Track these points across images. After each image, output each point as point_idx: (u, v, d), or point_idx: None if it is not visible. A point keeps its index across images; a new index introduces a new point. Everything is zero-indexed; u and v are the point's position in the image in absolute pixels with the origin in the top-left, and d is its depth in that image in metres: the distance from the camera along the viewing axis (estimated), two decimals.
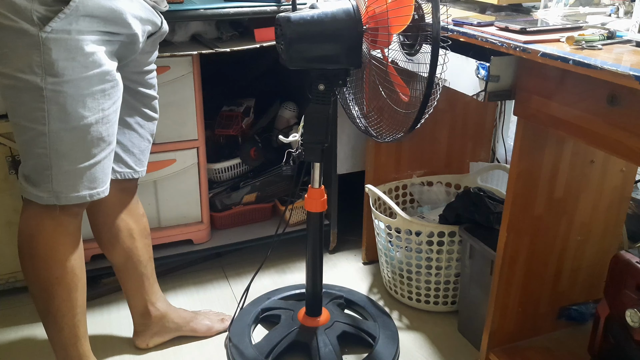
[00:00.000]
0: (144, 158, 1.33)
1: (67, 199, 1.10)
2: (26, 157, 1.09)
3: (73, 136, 1.06)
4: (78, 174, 1.09)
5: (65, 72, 1.01)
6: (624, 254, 1.19)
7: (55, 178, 1.08)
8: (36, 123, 1.04)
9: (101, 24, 1.04)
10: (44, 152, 1.06)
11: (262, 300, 1.65)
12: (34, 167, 1.09)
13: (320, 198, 1.35)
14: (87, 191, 1.11)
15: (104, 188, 1.15)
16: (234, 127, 1.94)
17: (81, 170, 1.09)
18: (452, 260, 1.57)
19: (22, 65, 1.01)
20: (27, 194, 1.11)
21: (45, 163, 1.07)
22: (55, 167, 1.07)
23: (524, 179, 1.19)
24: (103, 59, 1.06)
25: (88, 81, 1.04)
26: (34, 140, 1.06)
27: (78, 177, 1.10)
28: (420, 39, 1.12)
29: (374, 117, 1.28)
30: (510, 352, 1.35)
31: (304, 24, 1.09)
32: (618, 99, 0.92)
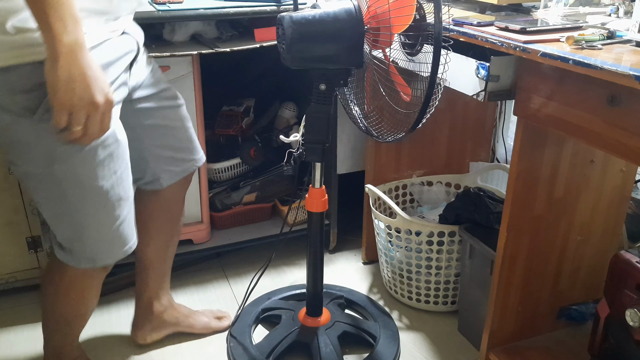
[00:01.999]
0: (196, 144, 1.33)
1: (102, 262, 1.13)
2: (56, 230, 1.10)
3: (94, 207, 1.06)
4: (108, 238, 1.11)
5: (70, 154, 0.99)
6: (624, 254, 1.19)
7: (88, 246, 1.10)
8: (57, 203, 1.05)
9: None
10: (72, 226, 1.07)
11: (262, 300, 1.65)
12: (66, 239, 1.10)
13: (321, 198, 1.35)
14: (120, 250, 1.13)
15: (134, 241, 1.16)
16: (234, 127, 1.94)
17: (110, 233, 1.10)
18: (452, 260, 1.57)
19: (28, 158, 1.00)
20: (65, 259, 1.13)
21: (75, 235, 1.09)
22: (85, 237, 1.09)
23: (524, 178, 1.19)
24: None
25: (93, 154, 1.01)
26: (58, 217, 1.07)
27: (108, 240, 1.11)
28: (421, 39, 1.12)
29: (375, 117, 1.28)
30: (510, 352, 1.35)
31: (306, 24, 1.09)
32: (618, 99, 0.92)
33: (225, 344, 1.52)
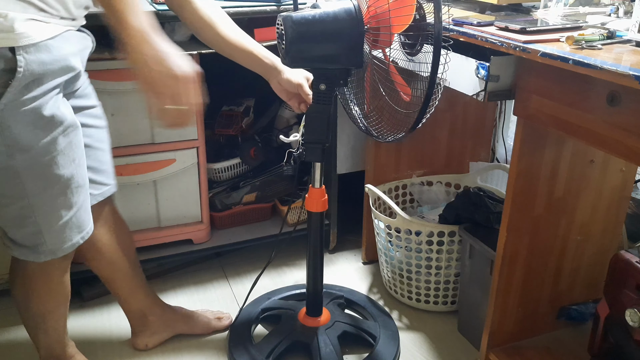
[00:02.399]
0: (113, 169, 1.30)
1: (63, 251, 1.12)
2: (14, 228, 1.08)
3: (55, 196, 1.05)
4: (67, 226, 1.10)
5: (32, 143, 0.98)
6: (623, 254, 1.19)
7: (48, 238, 1.09)
8: (16, 198, 1.03)
9: (50, 80, 0.97)
10: (32, 220, 1.06)
11: (262, 300, 1.65)
12: (25, 235, 1.08)
13: (321, 198, 1.35)
14: (77, 236, 1.12)
15: (90, 225, 1.16)
16: (233, 127, 1.94)
17: (69, 221, 1.09)
18: (452, 260, 1.57)
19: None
20: (23, 256, 1.11)
21: (35, 229, 1.07)
22: (45, 229, 1.07)
23: (523, 178, 1.19)
24: (63, 113, 1.01)
25: (54, 143, 1.01)
26: (19, 213, 1.05)
27: (68, 228, 1.10)
28: (421, 38, 1.12)
29: (375, 117, 1.28)
30: (510, 352, 1.35)
31: (306, 24, 1.09)
32: (618, 99, 0.92)
33: (225, 344, 1.52)
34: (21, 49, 0.91)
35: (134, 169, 1.62)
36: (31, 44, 0.92)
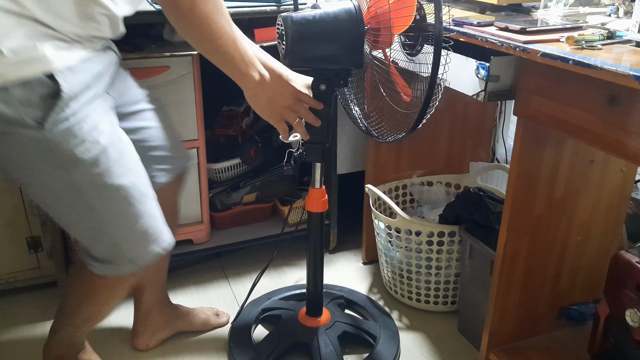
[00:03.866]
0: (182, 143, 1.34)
1: (143, 262, 1.12)
2: (93, 244, 1.10)
3: (120, 206, 1.05)
4: (143, 236, 1.10)
5: (84, 157, 0.99)
6: (623, 254, 1.19)
7: (126, 249, 1.09)
8: (85, 213, 1.04)
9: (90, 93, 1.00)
10: (105, 233, 1.07)
11: (262, 300, 1.65)
12: (104, 249, 1.10)
13: (321, 198, 1.35)
14: (157, 247, 1.12)
15: (170, 237, 1.15)
16: (234, 127, 1.94)
17: (143, 230, 1.09)
18: (452, 260, 1.57)
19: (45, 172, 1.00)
20: (105, 272, 1.12)
21: (111, 241, 1.08)
22: (120, 240, 1.08)
23: (524, 179, 1.19)
24: (107, 122, 1.04)
25: (106, 153, 1.01)
26: (92, 227, 1.07)
27: (144, 238, 1.10)
28: (421, 39, 1.12)
29: (375, 117, 1.28)
30: (510, 352, 1.35)
31: (306, 24, 1.09)
32: (618, 99, 0.92)
33: (225, 344, 1.52)
34: (59, 73, 0.95)
35: None
36: (67, 67, 0.96)
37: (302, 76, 1.26)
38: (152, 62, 1.49)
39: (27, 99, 0.94)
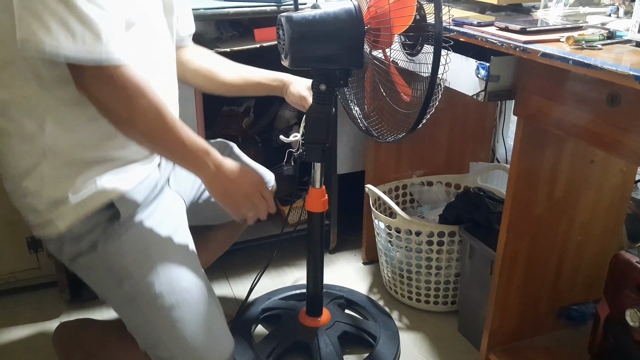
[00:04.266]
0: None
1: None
2: (155, 351, 1.09)
3: (172, 318, 1.06)
4: (203, 342, 1.07)
5: (136, 271, 1.04)
6: (624, 254, 1.19)
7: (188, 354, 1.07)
8: (142, 323, 1.07)
9: (147, 209, 1.09)
10: (162, 343, 1.06)
11: (262, 300, 1.65)
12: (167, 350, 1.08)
13: (322, 198, 1.34)
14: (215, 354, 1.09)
15: (230, 343, 1.13)
16: (234, 127, 1.94)
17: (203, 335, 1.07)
18: (452, 260, 1.57)
19: (105, 285, 1.07)
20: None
21: (168, 354, 1.07)
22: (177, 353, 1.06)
23: (524, 179, 1.19)
24: (163, 229, 1.10)
25: (155, 266, 1.06)
26: (148, 336, 1.07)
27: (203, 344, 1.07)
28: (421, 39, 1.12)
29: (375, 117, 1.28)
30: (510, 352, 1.35)
31: (306, 24, 1.09)
32: (618, 99, 0.92)
33: None
34: (118, 200, 1.03)
35: None
36: (125, 193, 1.05)
37: (304, 82, 1.31)
38: None
39: (88, 230, 1.03)
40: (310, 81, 1.31)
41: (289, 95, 1.35)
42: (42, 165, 1.00)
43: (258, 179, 1.13)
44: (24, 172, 1.02)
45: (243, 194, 1.09)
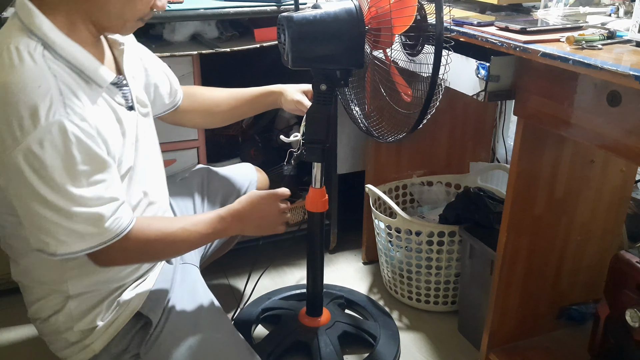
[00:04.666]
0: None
1: None
2: None
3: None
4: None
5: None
6: (624, 254, 1.19)
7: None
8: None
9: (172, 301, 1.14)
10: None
11: (262, 300, 1.65)
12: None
13: (322, 198, 1.34)
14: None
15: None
16: (234, 127, 1.94)
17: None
18: (452, 260, 1.57)
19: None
20: None
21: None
22: None
23: (524, 179, 1.19)
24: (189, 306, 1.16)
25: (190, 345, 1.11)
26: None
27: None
28: (422, 39, 1.12)
29: (376, 117, 1.28)
30: (510, 352, 1.35)
31: (306, 24, 1.09)
32: (618, 99, 0.92)
33: None
34: (144, 308, 1.09)
35: None
36: (148, 299, 1.11)
37: (295, 86, 1.34)
38: None
39: (125, 346, 1.07)
40: (301, 85, 1.35)
41: (284, 104, 1.38)
42: (68, 304, 1.06)
43: (261, 199, 1.17)
44: (53, 312, 1.07)
45: (269, 220, 1.19)
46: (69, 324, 1.06)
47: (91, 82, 0.96)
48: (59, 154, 0.87)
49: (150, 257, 1.10)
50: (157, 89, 1.25)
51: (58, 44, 0.91)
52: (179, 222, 1.08)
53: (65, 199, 0.89)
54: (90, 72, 0.95)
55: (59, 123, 0.86)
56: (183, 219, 1.10)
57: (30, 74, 0.86)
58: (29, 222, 0.92)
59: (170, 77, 1.30)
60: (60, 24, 0.92)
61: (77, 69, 0.94)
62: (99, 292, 1.07)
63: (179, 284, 1.19)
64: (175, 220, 1.09)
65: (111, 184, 0.95)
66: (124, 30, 1.01)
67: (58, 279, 1.04)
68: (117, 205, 0.96)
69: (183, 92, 1.34)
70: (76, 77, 0.93)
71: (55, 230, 0.90)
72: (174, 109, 1.32)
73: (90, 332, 1.06)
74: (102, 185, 0.93)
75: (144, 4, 0.97)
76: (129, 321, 1.08)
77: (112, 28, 1.00)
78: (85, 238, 0.93)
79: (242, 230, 1.17)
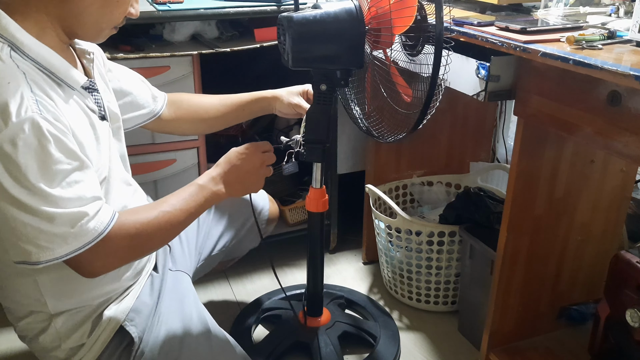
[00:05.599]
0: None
1: None
2: None
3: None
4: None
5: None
6: (624, 254, 1.19)
7: None
8: None
9: (156, 314, 1.12)
10: None
11: (262, 300, 1.65)
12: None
13: (322, 198, 1.34)
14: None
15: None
16: (234, 128, 1.94)
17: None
18: (452, 260, 1.57)
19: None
20: None
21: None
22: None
23: (524, 179, 1.19)
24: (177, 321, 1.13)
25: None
26: None
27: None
28: (422, 39, 1.12)
29: (376, 117, 1.28)
30: (510, 352, 1.35)
31: (307, 24, 1.09)
32: (618, 99, 0.92)
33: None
34: (126, 322, 1.07)
35: (134, 169, 1.60)
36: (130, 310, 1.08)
37: (291, 89, 1.33)
38: (152, 62, 1.49)
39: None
40: (296, 87, 1.34)
41: (278, 109, 1.35)
42: (53, 323, 1.03)
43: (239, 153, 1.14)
44: (39, 331, 1.05)
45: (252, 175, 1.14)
46: (56, 342, 1.04)
47: (62, 84, 0.92)
48: (33, 153, 0.82)
49: (138, 252, 1.01)
50: (135, 98, 1.22)
51: (26, 44, 0.88)
52: (158, 207, 1.00)
53: (44, 201, 0.83)
54: (61, 74, 0.92)
55: (31, 120, 0.81)
56: (161, 203, 1.02)
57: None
58: (7, 231, 0.86)
59: (148, 85, 1.28)
60: (29, 29, 0.89)
61: (48, 70, 0.90)
62: (84, 309, 1.04)
63: (168, 293, 1.17)
64: (153, 207, 1.01)
65: (91, 184, 0.90)
66: (99, 39, 0.99)
67: (37, 299, 1.00)
68: (100, 205, 0.91)
69: (168, 99, 1.31)
70: (46, 78, 0.90)
71: (36, 236, 0.84)
72: (157, 117, 1.28)
73: (78, 349, 1.04)
74: (82, 185, 0.88)
75: (119, 13, 0.96)
76: (115, 337, 1.06)
77: (86, 36, 0.98)
78: (69, 241, 0.86)
79: (227, 193, 1.11)
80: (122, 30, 1.05)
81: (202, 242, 1.39)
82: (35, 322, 1.03)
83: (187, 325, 1.13)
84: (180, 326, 1.12)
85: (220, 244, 1.43)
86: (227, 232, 1.44)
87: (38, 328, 1.04)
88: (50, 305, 1.01)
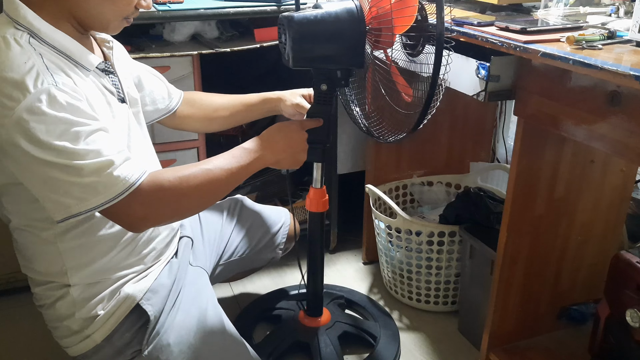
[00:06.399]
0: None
1: None
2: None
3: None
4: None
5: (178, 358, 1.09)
6: (624, 254, 1.19)
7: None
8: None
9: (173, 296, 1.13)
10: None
11: (262, 300, 1.65)
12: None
13: (322, 198, 1.35)
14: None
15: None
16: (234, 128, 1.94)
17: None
18: (452, 260, 1.57)
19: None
20: None
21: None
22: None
23: (524, 179, 1.19)
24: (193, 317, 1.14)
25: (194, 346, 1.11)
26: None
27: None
28: (423, 39, 1.12)
29: (376, 117, 1.28)
30: (510, 352, 1.35)
31: (307, 24, 1.09)
32: (618, 99, 0.92)
33: None
34: (143, 300, 1.09)
35: None
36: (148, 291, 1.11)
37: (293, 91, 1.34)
38: (152, 62, 1.49)
39: (128, 340, 1.07)
40: (300, 89, 1.36)
41: (283, 110, 1.37)
42: (71, 292, 1.05)
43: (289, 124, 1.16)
44: (56, 299, 1.07)
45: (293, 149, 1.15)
46: (71, 309, 1.05)
47: (78, 66, 0.97)
48: (54, 118, 0.86)
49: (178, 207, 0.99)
50: (152, 93, 1.26)
51: (43, 31, 0.93)
52: (199, 165, 1.01)
53: (71, 157, 0.87)
54: (76, 56, 0.96)
55: (47, 91, 0.86)
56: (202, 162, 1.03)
57: (17, 53, 0.88)
58: (44, 190, 0.90)
59: (166, 83, 1.31)
60: (45, 18, 0.94)
61: (64, 54, 0.95)
62: (103, 282, 1.07)
63: (187, 284, 1.18)
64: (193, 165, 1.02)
65: (115, 141, 0.93)
66: (109, 30, 1.02)
67: (59, 270, 1.04)
68: (127, 156, 0.93)
69: (184, 97, 1.35)
70: (64, 60, 0.95)
71: (70, 189, 0.89)
72: (172, 114, 1.32)
73: (91, 322, 1.06)
74: (105, 141, 0.91)
75: (125, 3, 0.98)
76: (131, 315, 1.08)
77: (95, 26, 1.01)
78: (100, 190, 0.89)
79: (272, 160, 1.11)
80: (122, 30, 1.05)
81: (222, 245, 1.41)
82: (54, 289, 1.06)
83: (202, 316, 1.14)
84: (196, 316, 1.13)
85: (239, 251, 1.45)
86: (247, 241, 1.46)
87: (56, 295, 1.06)
88: (70, 274, 1.04)
